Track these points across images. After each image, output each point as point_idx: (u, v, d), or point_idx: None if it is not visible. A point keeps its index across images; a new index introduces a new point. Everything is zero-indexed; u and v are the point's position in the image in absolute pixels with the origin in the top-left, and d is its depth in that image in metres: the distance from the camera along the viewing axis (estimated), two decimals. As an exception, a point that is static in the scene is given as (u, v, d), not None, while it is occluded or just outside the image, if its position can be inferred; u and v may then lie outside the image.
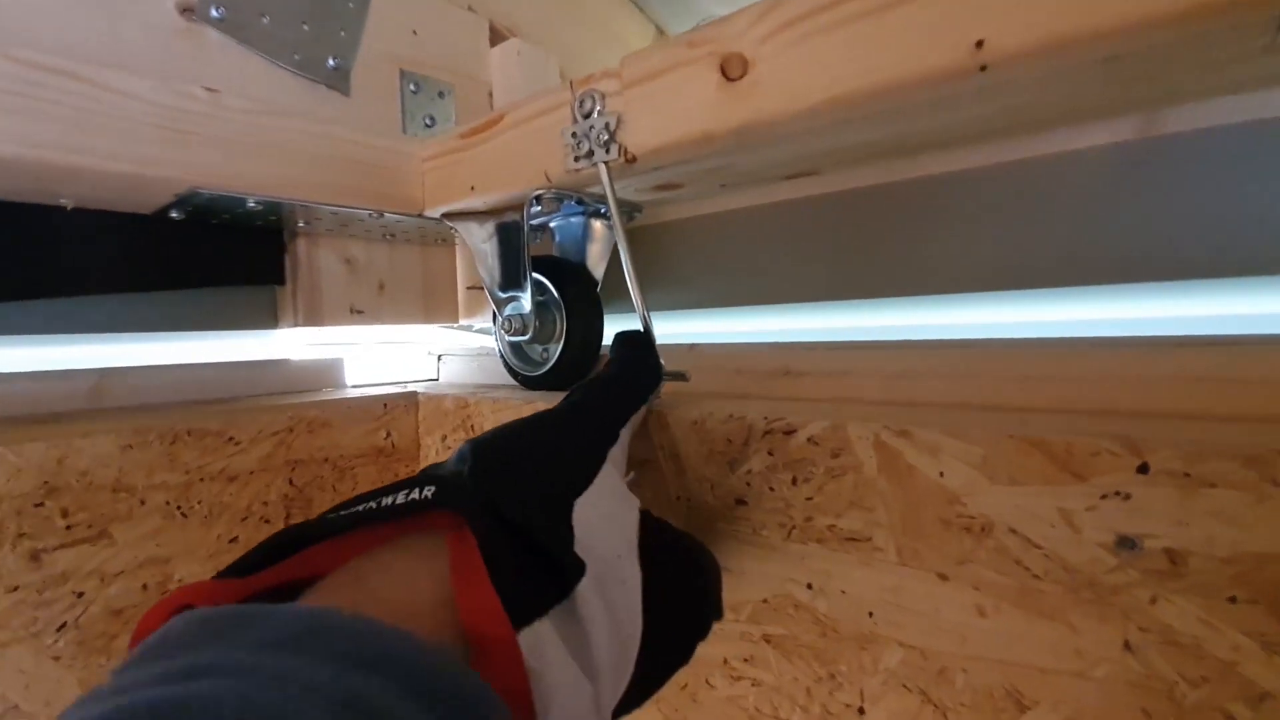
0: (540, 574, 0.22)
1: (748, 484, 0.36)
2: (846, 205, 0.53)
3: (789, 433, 0.34)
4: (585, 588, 0.22)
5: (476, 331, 0.80)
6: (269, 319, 0.67)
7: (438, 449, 0.57)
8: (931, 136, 0.42)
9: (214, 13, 0.54)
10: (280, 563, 0.21)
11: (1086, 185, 0.43)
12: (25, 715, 0.39)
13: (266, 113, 0.49)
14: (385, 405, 0.57)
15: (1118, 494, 0.26)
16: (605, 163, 0.44)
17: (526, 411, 0.48)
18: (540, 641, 0.20)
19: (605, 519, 0.26)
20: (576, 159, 0.46)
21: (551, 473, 0.27)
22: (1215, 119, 0.39)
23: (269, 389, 0.65)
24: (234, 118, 0.47)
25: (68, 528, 0.40)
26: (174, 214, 0.53)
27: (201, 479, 0.45)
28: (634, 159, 0.43)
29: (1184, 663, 0.24)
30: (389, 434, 0.57)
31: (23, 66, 0.40)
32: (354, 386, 0.71)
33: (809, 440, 0.34)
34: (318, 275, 0.64)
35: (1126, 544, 0.25)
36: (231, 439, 0.47)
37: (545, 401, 0.48)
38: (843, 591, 0.33)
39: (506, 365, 0.61)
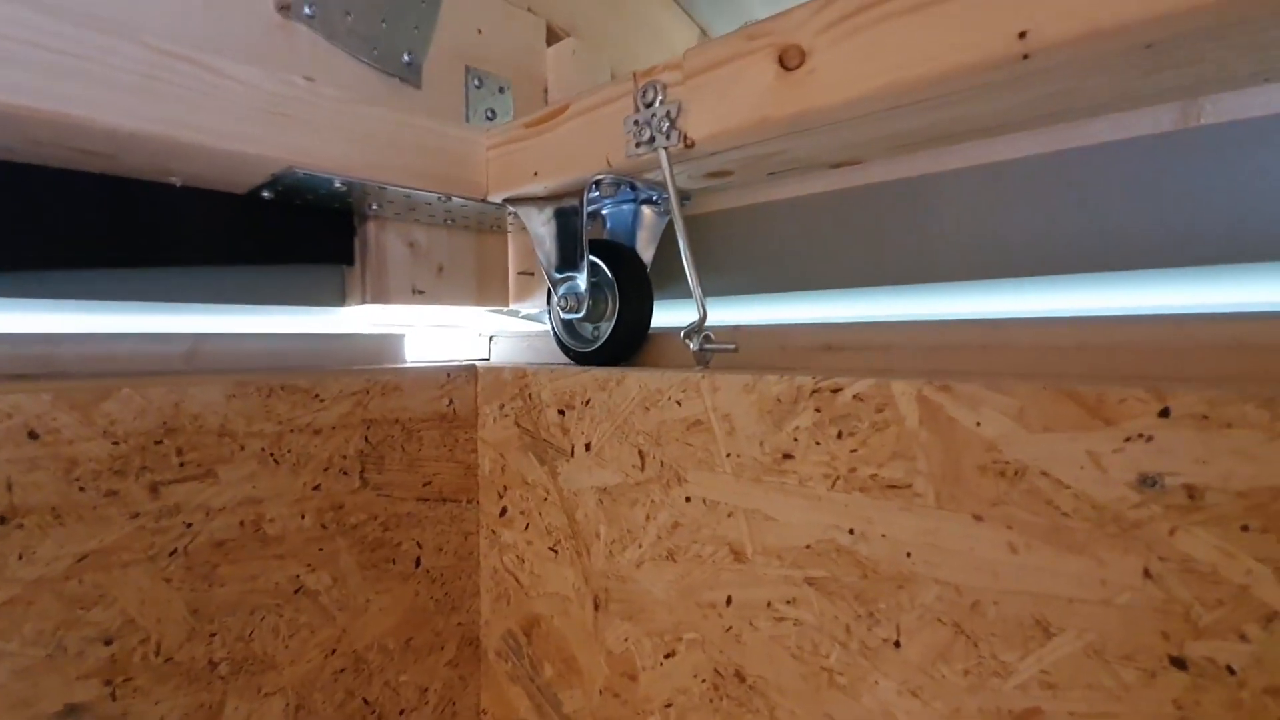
0: None
1: (795, 439, 0.40)
2: (889, 194, 0.56)
3: (836, 391, 0.38)
4: None
5: (524, 317, 0.85)
6: (337, 296, 0.72)
7: (495, 416, 0.61)
8: (976, 123, 0.45)
9: (306, 10, 0.59)
10: None
11: (1126, 175, 0.45)
12: (139, 630, 0.43)
13: (355, 101, 0.54)
14: (448, 375, 0.61)
15: (1141, 436, 0.28)
16: (665, 148, 0.48)
17: (584, 380, 0.52)
18: None
19: None
20: (638, 144, 0.50)
21: None
22: (1252, 110, 0.41)
23: (340, 361, 0.69)
24: (327, 104, 0.52)
25: (181, 465, 0.45)
26: (265, 193, 0.58)
27: (291, 430, 0.50)
28: (693, 144, 0.47)
29: (1201, 588, 0.27)
30: (451, 401, 0.61)
31: (154, 53, 0.45)
32: (413, 362, 0.75)
33: (854, 397, 0.37)
34: (384, 256, 0.69)
35: (1149, 482, 0.28)
36: (317, 396, 0.51)
37: (601, 370, 0.51)
38: (883, 535, 0.36)
39: (559, 341, 0.65)
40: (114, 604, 0.42)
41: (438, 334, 0.84)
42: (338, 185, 0.56)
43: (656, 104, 0.48)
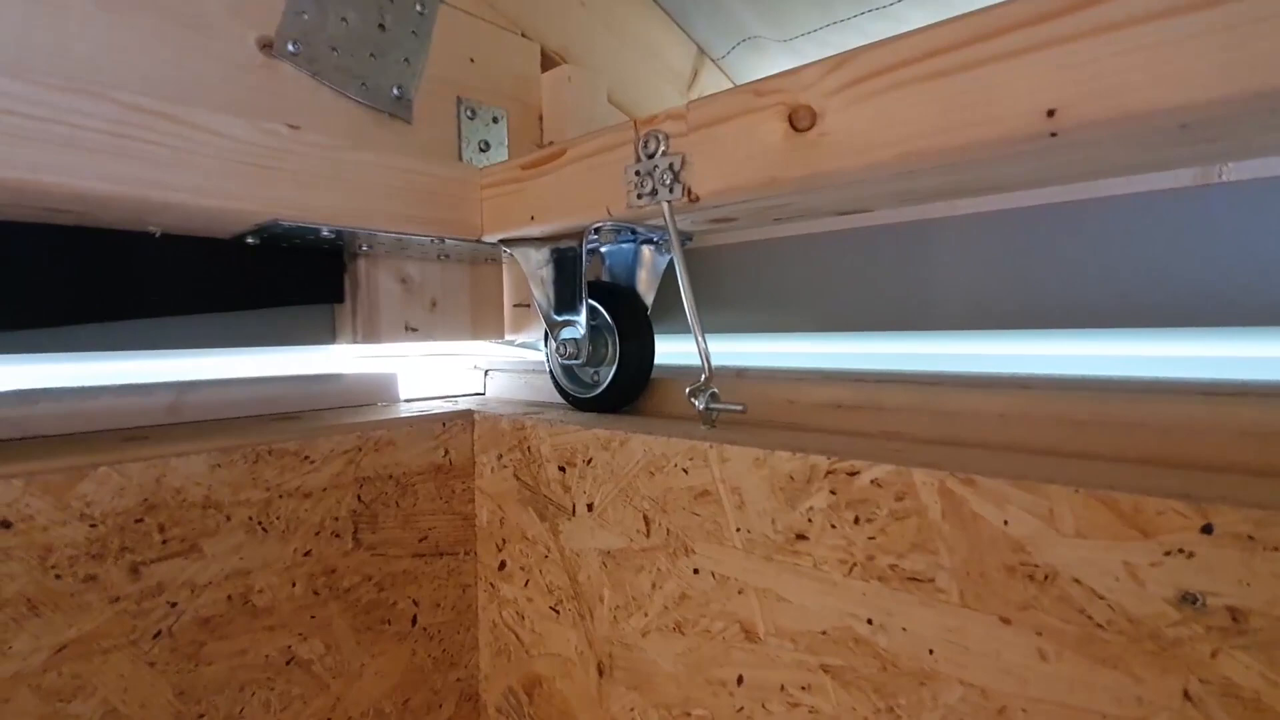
0: None
1: (809, 520, 0.38)
2: (899, 236, 0.54)
3: (852, 474, 0.36)
4: None
5: (519, 346, 0.83)
6: (327, 334, 0.70)
7: (493, 466, 0.59)
8: (992, 183, 0.43)
9: (290, 47, 0.56)
10: None
11: (1143, 227, 0.44)
12: (122, 718, 0.41)
13: (343, 147, 0.51)
14: (444, 424, 0.59)
15: (1181, 551, 0.27)
16: (669, 201, 0.46)
17: (585, 438, 0.50)
18: None
19: None
20: (640, 196, 0.48)
21: None
22: (1276, 169, 0.40)
23: (331, 402, 0.67)
24: (313, 152, 0.50)
25: (164, 542, 0.43)
26: (250, 239, 0.56)
27: (280, 496, 0.48)
28: (698, 199, 0.45)
29: (1244, 715, 0.26)
30: (447, 452, 0.59)
31: (124, 109, 0.42)
32: (407, 401, 0.73)
33: (873, 482, 0.35)
34: (376, 294, 0.66)
35: (1190, 600, 0.27)
36: (307, 458, 0.49)
37: (603, 426, 0.50)
38: (904, 629, 0.34)
39: (558, 385, 0.63)
40: (95, 694, 0.40)
41: (432, 364, 0.82)
42: (325, 233, 0.54)
43: (659, 155, 0.46)
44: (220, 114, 0.46)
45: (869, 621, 0.36)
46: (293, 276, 0.63)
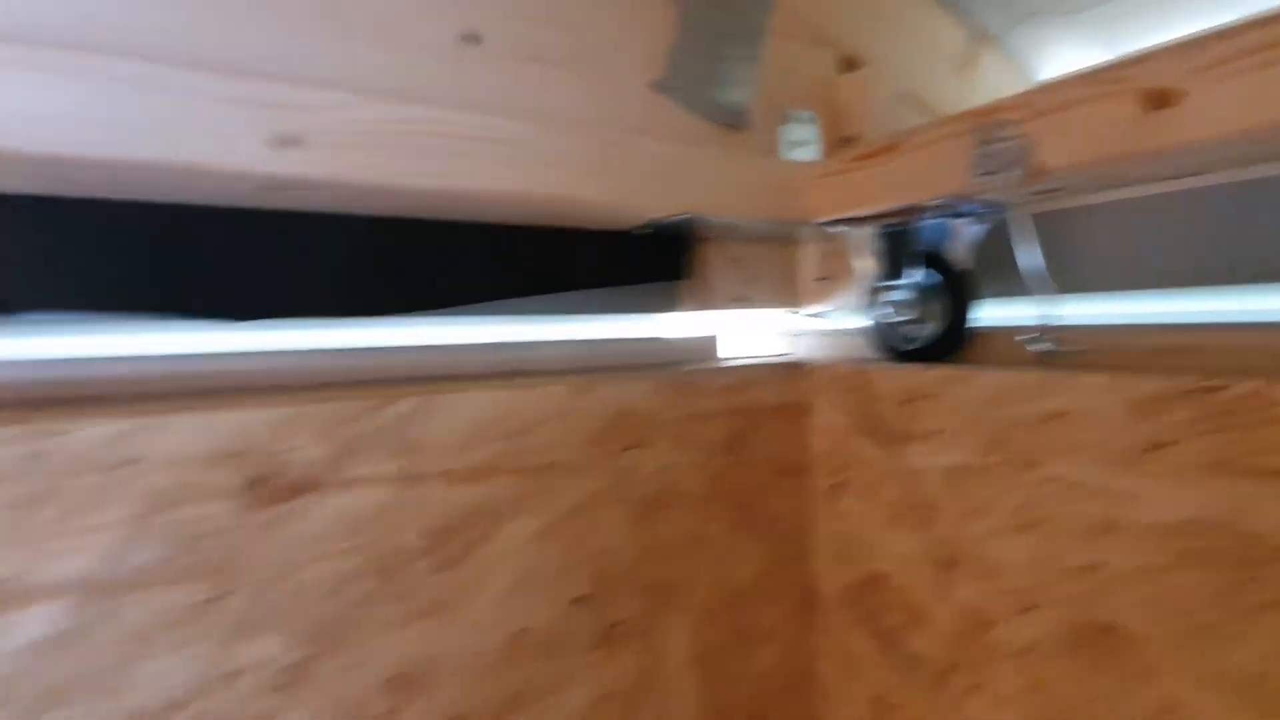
0: None
1: (1166, 432, 0.46)
2: (1216, 198, 0.58)
3: (1212, 390, 0.44)
4: None
5: (816, 316, 0.96)
6: (668, 304, 0.88)
7: (833, 405, 0.73)
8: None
9: (675, 82, 0.75)
10: None
11: None
12: (609, 563, 0.62)
13: (716, 156, 0.69)
14: (789, 369, 0.74)
15: None
16: (1009, 179, 0.56)
17: (926, 377, 0.62)
18: None
19: None
20: (982, 174, 0.58)
21: None
22: None
23: (670, 359, 0.86)
24: (713, 163, 0.68)
25: (629, 437, 0.62)
26: (644, 230, 0.75)
27: (688, 417, 0.66)
28: (1041, 177, 0.54)
29: None
30: (794, 392, 0.74)
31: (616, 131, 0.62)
32: (724, 360, 0.90)
33: (1234, 397, 0.43)
34: (712, 272, 0.84)
35: None
36: (702, 390, 0.67)
37: (942, 367, 0.61)
38: (1265, 514, 0.42)
39: (881, 342, 0.76)
40: (592, 541, 0.61)
41: (736, 330, 0.98)
42: (712, 223, 0.72)
43: (999, 141, 0.56)
44: (640, 136, 0.65)
45: (1229, 508, 0.43)
46: (660, 259, 0.82)
